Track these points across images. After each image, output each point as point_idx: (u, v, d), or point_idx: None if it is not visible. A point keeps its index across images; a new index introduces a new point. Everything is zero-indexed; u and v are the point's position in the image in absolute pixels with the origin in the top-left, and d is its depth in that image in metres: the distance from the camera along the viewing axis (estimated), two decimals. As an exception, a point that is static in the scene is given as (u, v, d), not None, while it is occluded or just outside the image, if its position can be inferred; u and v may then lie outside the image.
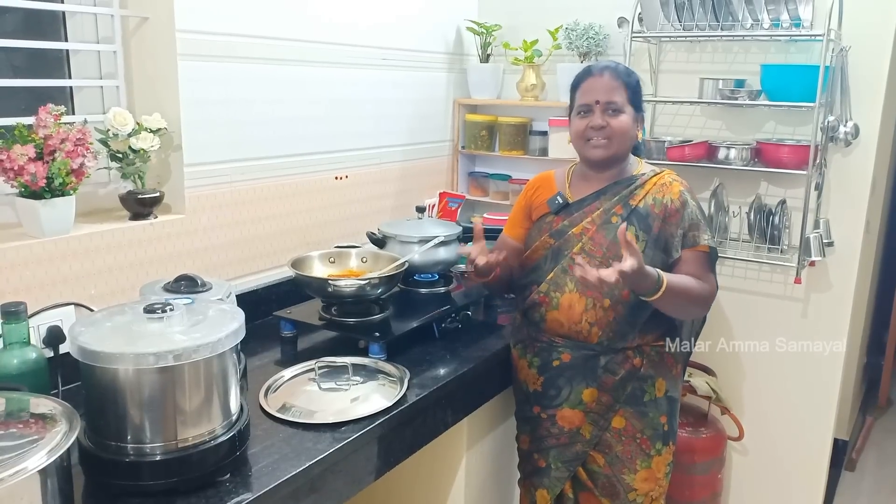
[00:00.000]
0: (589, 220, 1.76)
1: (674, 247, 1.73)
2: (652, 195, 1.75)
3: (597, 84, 1.74)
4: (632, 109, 1.75)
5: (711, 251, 1.76)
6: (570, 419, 1.80)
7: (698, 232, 1.74)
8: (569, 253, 1.76)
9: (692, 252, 1.74)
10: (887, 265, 3.86)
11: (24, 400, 1.17)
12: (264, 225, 2.06)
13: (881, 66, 2.20)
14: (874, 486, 3.13)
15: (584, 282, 1.61)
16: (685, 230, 1.73)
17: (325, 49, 2.17)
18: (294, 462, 1.31)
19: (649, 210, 1.74)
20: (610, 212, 1.75)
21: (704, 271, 1.75)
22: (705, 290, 1.73)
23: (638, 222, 1.73)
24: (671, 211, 1.73)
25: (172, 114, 1.79)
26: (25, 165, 1.48)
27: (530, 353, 1.85)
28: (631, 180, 1.78)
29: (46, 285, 1.54)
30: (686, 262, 1.73)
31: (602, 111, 1.72)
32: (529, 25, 2.69)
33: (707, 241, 1.74)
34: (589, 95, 1.74)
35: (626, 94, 1.73)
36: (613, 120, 1.72)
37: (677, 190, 1.76)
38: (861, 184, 2.29)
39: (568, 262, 1.75)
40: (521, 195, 1.95)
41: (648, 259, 1.70)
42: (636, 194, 1.76)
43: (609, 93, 1.72)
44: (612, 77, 1.73)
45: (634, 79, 1.78)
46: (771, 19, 2.21)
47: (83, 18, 1.79)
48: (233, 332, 1.23)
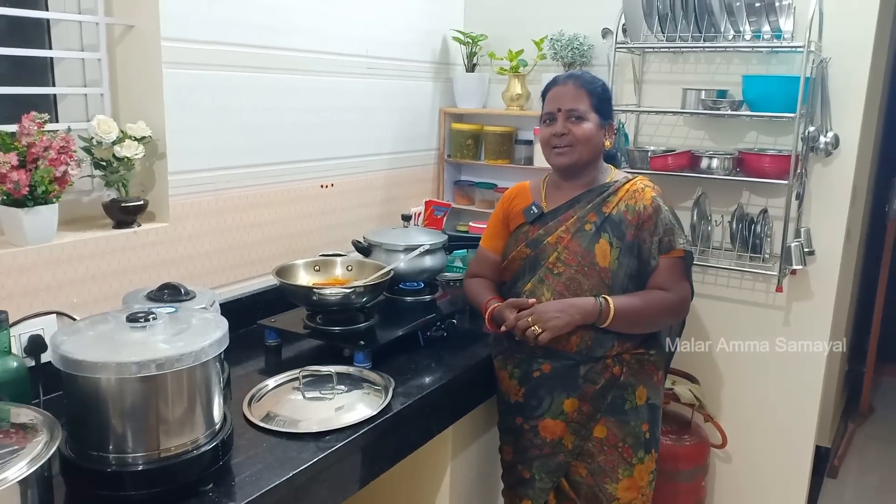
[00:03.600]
0: (563, 229, 1.78)
1: (650, 255, 1.75)
2: (624, 202, 1.77)
3: (559, 92, 1.77)
4: (597, 117, 1.76)
5: (687, 255, 1.78)
6: (552, 429, 1.80)
7: (673, 237, 1.76)
8: (545, 263, 1.77)
9: (667, 259, 1.76)
10: (868, 273, 3.90)
11: (4, 409, 1.15)
12: (249, 233, 2.06)
13: (860, 77, 2.23)
14: (856, 494, 3.16)
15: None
16: (660, 236, 1.75)
17: (311, 57, 2.18)
18: (278, 471, 1.31)
19: (622, 217, 1.76)
20: (584, 220, 1.77)
21: (678, 278, 1.77)
22: (670, 302, 1.75)
23: (611, 230, 1.75)
24: (644, 217, 1.75)
25: (157, 122, 1.79)
26: (8, 173, 1.47)
27: (511, 364, 1.85)
28: (604, 188, 1.80)
29: (28, 294, 1.53)
30: (660, 270, 1.75)
31: (564, 119, 1.74)
32: (515, 36, 2.71)
33: (682, 244, 1.76)
34: (552, 104, 1.77)
35: (589, 102, 1.75)
36: (575, 127, 1.74)
37: (649, 196, 1.78)
38: (841, 193, 2.31)
39: (545, 273, 1.76)
40: (497, 207, 1.97)
41: (623, 267, 1.74)
42: (609, 201, 1.78)
43: (571, 100, 1.74)
44: (574, 85, 1.76)
45: (599, 86, 1.79)
46: (753, 31, 2.24)
47: (68, 26, 1.78)
48: (216, 340, 1.23)
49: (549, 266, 1.76)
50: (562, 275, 1.75)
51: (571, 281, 1.75)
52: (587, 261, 1.73)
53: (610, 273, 1.74)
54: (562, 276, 1.75)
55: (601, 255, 1.74)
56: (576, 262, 1.75)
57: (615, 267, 1.74)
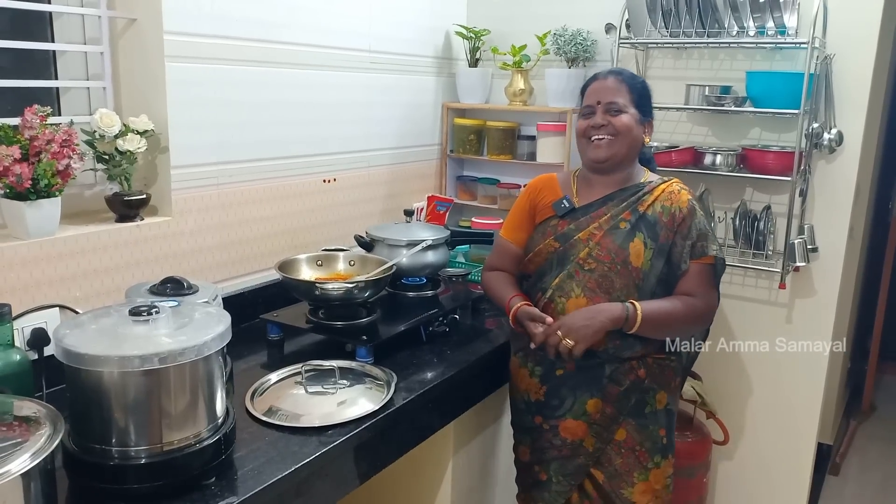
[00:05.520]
0: (596, 226, 1.73)
1: (682, 259, 1.71)
2: (660, 203, 1.73)
3: (600, 86, 1.75)
4: (636, 112, 1.74)
5: (718, 263, 1.74)
6: (573, 430, 1.76)
7: (706, 242, 1.72)
8: (575, 258, 1.73)
9: (698, 264, 1.72)
10: (870, 271, 3.89)
11: (7, 402, 1.15)
12: (251, 228, 2.05)
13: (865, 73, 2.22)
14: (857, 491, 3.16)
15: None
16: (693, 241, 1.71)
17: (313, 52, 2.17)
18: (280, 466, 1.31)
19: (657, 218, 1.72)
20: (618, 217, 1.73)
21: (707, 286, 1.73)
22: (697, 309, 1.72)
23: (646, 230, 1.71)
24: (678, 220, 1.72)
25: (159, 115, 1.78)
26: (11, 166, 1.47)
27: (532, 361, 1.81)
28: (638, 187, 1.76)
29: (31, 287, 1.53)
30: (690, 276, 1.71)
31: (603, 111, 1.72)
32: (518, 31, 2.70)
33: (715, 251, 1.72)
34: (592, 97, 1.75)
35: (629, 96, 1.73)
36: (615, 118, 1.71)
37: (685, 199, 1.74)
38: (845, 190, 2.31)
39: (574, 268, 1.73)
40: (522, 197, 1.90)
41: (654, 268, 1.70)
42: (644, 200, 1.74)
43: (611, 94, 1.72)
44: (615, 80, 1.75)
45: (639, 82, 1.78)
46: (756, 27, 2.23)
47: (70, 19, 1.78)
48: (219, 334, 1.23)
49: (579, 262, 1.72)
50: (594, 271, 1.71)
51: (603, 278, 1.70)
52: (620, 259, 1.70)
53: (641, 274, 1.70)
54: (594, 272, 1.71)
55: (635, 254, 1.70)
56: (609, 259, 1.70)
57: (647, 268, 1.70)
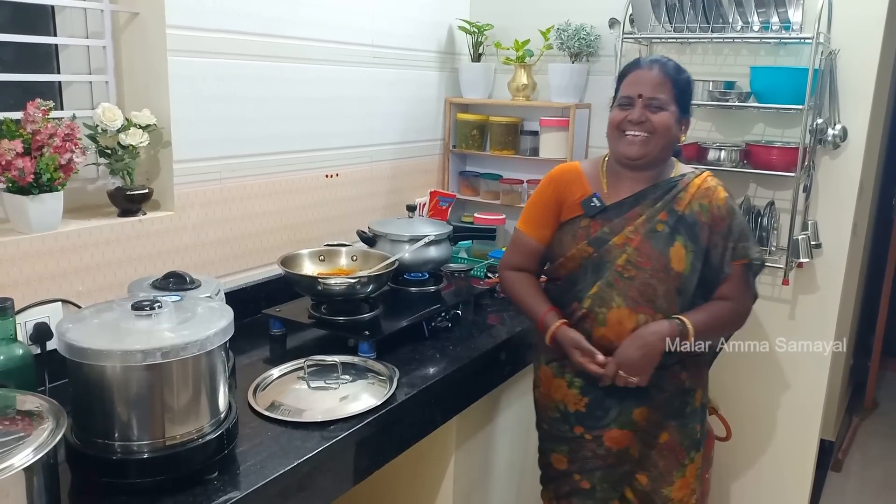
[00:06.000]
0: (631, 229, 1.62)
1: (723, 261, 1.63)
2: (697, 201, 1.63)
3: (643, 77, 1.61)
4: (676, 109, 1.62)
5: (757, 264, 1.66)
6: (618, 440, 1.70)
7: (748, 243, 1.64)
8: (612, 265, 1.62)
9: (738, 265, 1.64)
10: (874, 267, 3.89)
11: (10, 397, 1.16)
12: (254, 222, 2.05)
13: (869, 69, 2.21)
14: (860, 487, 3.16)
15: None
16: (735, 242, 1.63)
17: (316, 47, 2.17)
18: (282, 460, 1.31)
19: (696, 218, 1.62)
20: (654, 219, 1.62)
21: (745, 287, 1.67)
22: (737, 314, 1.68)
23: (686, 231, 1.61)
24: (717, 219, 1.62)
25: (162, 110, 1.78)
26: (13, 160, 1.46)
27: (569, 372, 1.71)
28: (671, 183, 1.65)
29: (33, 281, 1.53)
30: (731, 279, 1.64)
31: (643, 106, 1.59)
32: (521, 25, 2.69)
33: (757, 254, 1.65)
34: (632, 88, 1.62)
35: (671, 92, 1.60)
36: (654, 116, 1.59)
37: (722, 196, 1.64)
38: (849, 186, 2.30)
39: (614, 276, 1.62)
40: (545, 190, 1.75)
41: (696, 272, 1.62)
42: (680, 198, 1.63)
43: (654, 88, 1.59)
44: (660, 72, 1.61)
45: (684, 77, 1.65)
46: (761, 22, 2.22)
47: (73, 13, 1.78)
48: (221, 329, 1.23)
49: (618, 269, 1.61)
50: (634, 279, 1.61)
51: (646, 286, 1.60)
52: (661, 264, 1.60)
53: (683, 278, 1.61)
54: (634, 280, 1.61)
55: (676, 259, 1.60)
56: (650, 265, 1.60)
57: (689, 272, 1.61)
